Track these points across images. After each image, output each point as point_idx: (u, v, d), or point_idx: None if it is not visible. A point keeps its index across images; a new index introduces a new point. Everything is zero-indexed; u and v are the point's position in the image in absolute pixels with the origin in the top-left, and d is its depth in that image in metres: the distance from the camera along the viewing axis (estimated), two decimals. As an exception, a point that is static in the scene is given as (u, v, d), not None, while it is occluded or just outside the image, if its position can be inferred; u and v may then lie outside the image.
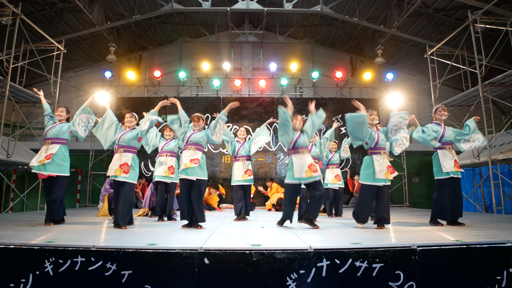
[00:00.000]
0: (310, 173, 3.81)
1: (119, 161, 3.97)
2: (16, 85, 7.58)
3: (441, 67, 9.29)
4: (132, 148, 4.13)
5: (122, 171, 3.90)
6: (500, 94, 8.04)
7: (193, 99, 10.77)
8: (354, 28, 12.58)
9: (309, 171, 3.81)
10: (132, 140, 4.14)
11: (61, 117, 4.53)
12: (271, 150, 10.17)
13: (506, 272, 2.35)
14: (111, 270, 2.24)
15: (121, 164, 3.94)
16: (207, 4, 9.96)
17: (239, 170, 5.44)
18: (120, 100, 10.63)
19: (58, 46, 8.57)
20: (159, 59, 13.51)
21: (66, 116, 4.60)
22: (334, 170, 6.10)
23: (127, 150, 4.09)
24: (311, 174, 3.81)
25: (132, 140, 4.14)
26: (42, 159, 4.11)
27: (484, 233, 3.19)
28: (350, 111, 4.13)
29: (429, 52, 8.99)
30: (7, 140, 7.91)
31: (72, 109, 13.20)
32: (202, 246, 2.34)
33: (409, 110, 12.58)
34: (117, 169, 3.91)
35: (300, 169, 3.83)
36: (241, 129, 5.85)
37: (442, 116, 4.37)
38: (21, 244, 2.39)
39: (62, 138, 4.37)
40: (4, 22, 7.23)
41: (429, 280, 2.29)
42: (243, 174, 5.39)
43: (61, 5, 10.22)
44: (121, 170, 3.91)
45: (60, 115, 4.54)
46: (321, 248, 2.33)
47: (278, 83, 11.66)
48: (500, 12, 8.15)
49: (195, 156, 3.96)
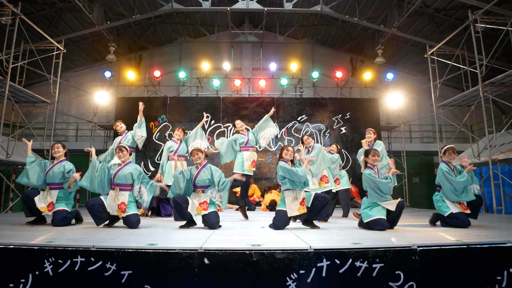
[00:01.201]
0: (303, 209, 3.75)
1: (116, 202, 3.87)
2: (15, 85, 7.57)
3: (442, 67, 9.29)
4: (128, 186, 3.97)
5: (121, 210, 3.87)
6: (500, 94, 8.03)
7: (193, 99, 10.77)
8: (354, 28, 12.58)
9: (301, 207, 3.74)
10: (127, 179, 3.96)
11: (59, 153, 4.31)
12: (271, 150, 10.16)
13: (506, 272, 2.35)
14: (111, 270, 2.24)
15: (119, 204, 3.87)
16: (207, 4, 9.95)
17: (249, 160, 5.28)
18: (120, 100, 10.63)
19: (58, 46, 8.56)
20: (159, 59, 13.51)
21: (63, 151, 4.36)
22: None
23: (123, 189, 3.94)
24: (304, 210, 3.75)
25: (128, 179, 3.96)
26: (43, 207, 4.06)
27: (484, 233, 3.18)
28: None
29: (429, 52, 8.99)
30: (6, 140, 7.91)
31: (72, 109, 13.03)
32: (202, 246, 2.34)
33: (410, 110, 12.71)
34: (117, 210, 3.88)
35: (294, 208, 3.75)
36: (237, 121, 5.54)
37: (451, 159, 4.13)
38: (21, 244, 2.39)
39: (59, 182, 4.18)
40: (4, 21, 7.22)
41: (429, 280, 2.29)
42: (250, 164, 5.27)
43: (60, 4, 10.22)
44: (120, 210, 3.87)
45: (58, 152, 4.31)
46: (321, 248, 2.32)
47: (278, 83, 11.66)
48: (500, 12, 8.15)
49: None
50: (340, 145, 9.87)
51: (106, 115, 11.81)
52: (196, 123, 10.20)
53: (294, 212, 3.71)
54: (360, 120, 10.26)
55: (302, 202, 3.74)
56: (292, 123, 10.26)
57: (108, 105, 11.47)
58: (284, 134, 10.21)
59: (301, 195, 3.77)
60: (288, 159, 3.91)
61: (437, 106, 9.15)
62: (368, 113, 10.42)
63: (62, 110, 12.10)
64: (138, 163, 5.79)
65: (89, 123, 11.78)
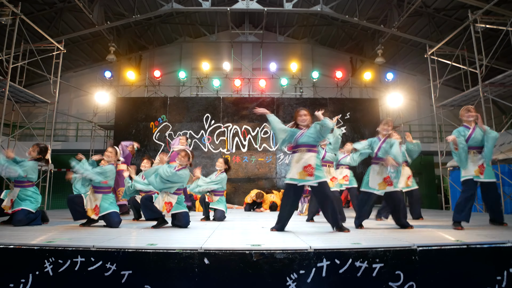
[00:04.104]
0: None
1: (91, 205, 3.94)
2: (16, 85, 7.57)
3: (442, 67, 9.29)
4: (103, 188, 4.01)
5: (94, 213, 3.92)
6: (500, 94, 8.04)
7: (193, 99, 10.77)
8: (354, 28, 12.59)
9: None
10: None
11: (31, 155, 4.24)
12: (271, 150, 10.17)
13: (506, 272, 2.35)
14: (111, 270, 2.24)
15: (94, 208, 3.93)
16: (207, 4, 9.96)
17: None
18: (120, 100, 10.63)
19: (58, 46, 8.57)
20: (159, 59, 13.51)
21: (37, 156, 4.26)
22: (344, 170, 6.02)
23: (97, 191, 4.00)
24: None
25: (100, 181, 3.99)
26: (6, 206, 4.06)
27: (484, 233, 3.18)
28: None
29: (429, 52, 8.99)
30: (7, 140, 7.91)
31: (72, 109, 13.03)
32: (202, 246, 2.34)
33: (409, 110, 12.71)
34: (90, 210, 3.94)
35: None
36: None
37: (469, 117, 4.04)
38: (21, 244, 2.39)
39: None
40: (4, 22, 7.22)
41: (429, 280, 2.29)
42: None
43: (60, 5, 10.22)
44: (94, 212, 3.92)
45: (31, 154, 4.24)
46: (321, 248, 2.32)
47: (278, 83, 11.66)
48: (500, 12, 8.15)
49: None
50: (340, 145, 9.86)
51: (106, 115, 11.82)
52: (196, 123, 10.22)
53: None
54: (360, 120, 10.26)
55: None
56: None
57: (108, 105, 11.48)
58: (284, 134, 10.20)
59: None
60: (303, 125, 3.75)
61: (437, 106, 9.15)
62: (368, 113, 10.43)
63: (62, 110, 12.10)
64: (137, 164, 5.76)
65: (89, 123, 11.78)
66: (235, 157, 10.01)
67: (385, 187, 3.80)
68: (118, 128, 10.27)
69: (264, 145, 10.13)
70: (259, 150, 10.12)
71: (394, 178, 3.78)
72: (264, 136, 10.20)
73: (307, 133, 3.62)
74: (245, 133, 10.18)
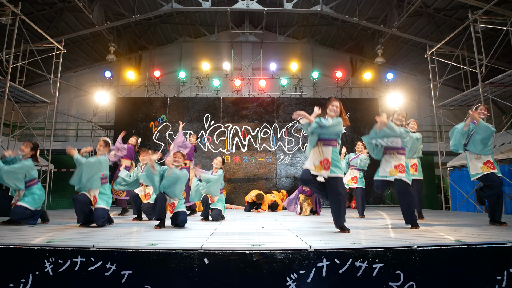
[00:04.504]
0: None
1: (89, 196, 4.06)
2: (15, 85, 7.57)
3: (441, 67, 9.29)
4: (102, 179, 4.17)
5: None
6: (500, 94, 8.04)
7: (193, 99, 10.77)
8: (354, 28, 12.59)
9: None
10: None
11: (23, 152, 4.21)
12: (271, 150, 10.16)
13: (506, 272, 2.35)
14: (111, 270, 2.24)
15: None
16: (207, 4, 9.96)
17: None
18: (120, 100, 10.63)
19: (58, 46, 8.57)
20: (159, 59, 13.52)
21: (30, 153, 4.25)
22: (353, 171, 6.04)
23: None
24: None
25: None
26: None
27: (484, 233, 3.18)
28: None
29: (429, 52, 8.99)
30: (7, 140, 7.91)
31: (72, 109, 13.00)
32: (202, 246, 2.34)
33: (409, 110, 12.70)
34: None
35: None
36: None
37: (481, 115, 4.06)
38: (21, 244, 2.39)
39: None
40: (4, 22, 7.23)
41: (429, 280, 2.29)
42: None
43: (60, 5, 10.23)
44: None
45: (23, 151, 4.21)
46: (321, 248, 2.32)
47: (278, 83, 11.66)
48: (500, 12, 8.15)
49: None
50: (340, 145, 9.87)
51: (106, 115, 11.82)
52: (196, 123, 10.22)
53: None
54: (360, 120, 10.26)
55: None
56: (292, 123, 10.26)
57: (108, 105, 11.48)
58: (284, 134, 10.21)
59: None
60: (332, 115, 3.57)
61: (437, 106, 9.15)
62: (368, 113, 10.42)
63: (62, 110, 12.10)
64: (137, 164, 5.75)
65: (89, 123, 11.78)
66: (235, 157, 10.01)
67: (396, 173, 3.85)
68: (118, 128, 10.26)
69: (264, 145, 10.13)
70: (259, 150, 10.12)
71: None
72: (264, 136, 10.20)
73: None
74: (245, 133, 10.18)
